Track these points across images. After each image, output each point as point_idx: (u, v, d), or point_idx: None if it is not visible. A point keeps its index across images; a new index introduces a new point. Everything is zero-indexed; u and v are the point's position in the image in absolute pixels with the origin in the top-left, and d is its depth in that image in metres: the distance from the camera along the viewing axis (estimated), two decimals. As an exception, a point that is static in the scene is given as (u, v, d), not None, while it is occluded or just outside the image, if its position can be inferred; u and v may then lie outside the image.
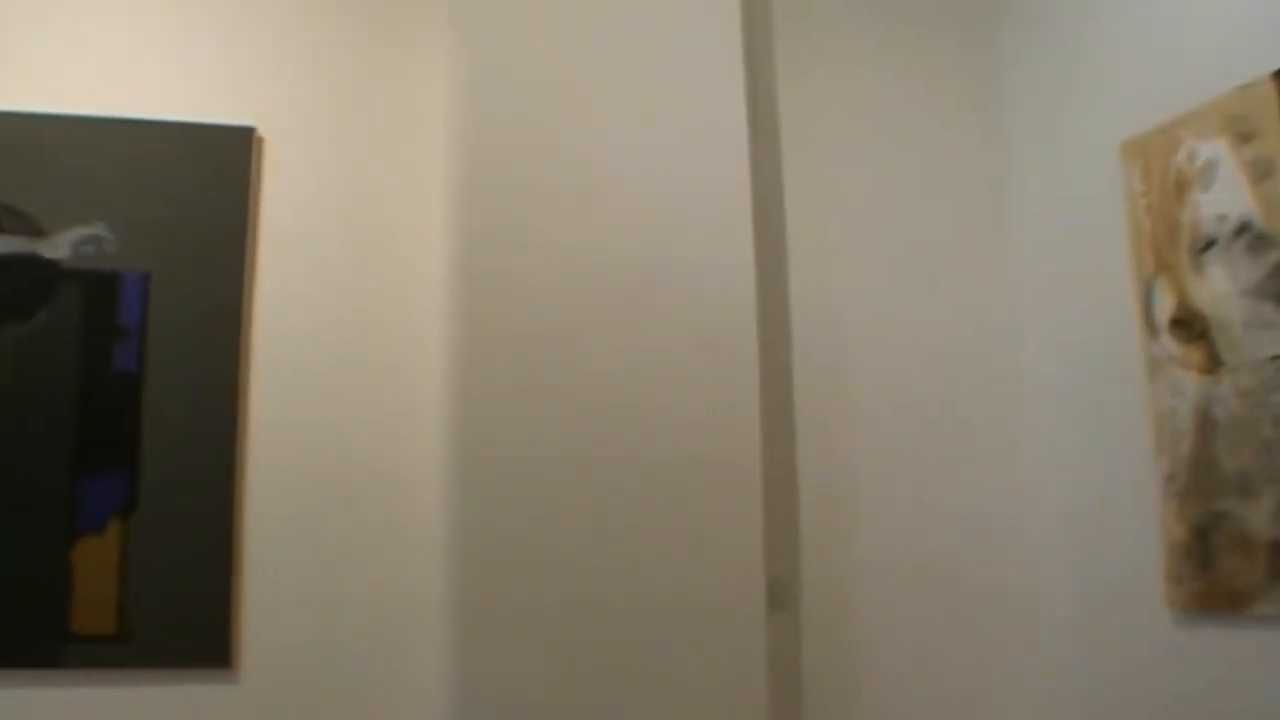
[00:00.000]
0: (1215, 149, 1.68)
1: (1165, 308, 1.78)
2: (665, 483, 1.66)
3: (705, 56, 1.79)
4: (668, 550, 1.65)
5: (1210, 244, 1.70)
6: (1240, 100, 1.64)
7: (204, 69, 1.95)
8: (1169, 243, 1.78)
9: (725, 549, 1.69)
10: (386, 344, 1.93)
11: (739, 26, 1.79)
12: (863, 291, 2.13)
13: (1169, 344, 1.77)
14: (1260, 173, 1.60)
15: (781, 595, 1.84)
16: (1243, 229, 1.63)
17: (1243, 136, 1.63)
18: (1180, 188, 1.75)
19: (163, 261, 1.85)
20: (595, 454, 1.65)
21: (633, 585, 1.64)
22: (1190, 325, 1.73)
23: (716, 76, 1.78)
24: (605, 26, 1.76)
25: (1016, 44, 2.24)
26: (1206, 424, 1.69)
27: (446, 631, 1.73)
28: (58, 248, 1.83)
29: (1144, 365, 1.83)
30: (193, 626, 1.78)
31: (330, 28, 2.00)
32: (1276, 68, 1.58)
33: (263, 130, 1.93)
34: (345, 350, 1.91)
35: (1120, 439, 1.89)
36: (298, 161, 1.94)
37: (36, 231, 1.83)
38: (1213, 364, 1.68)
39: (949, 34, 2.27)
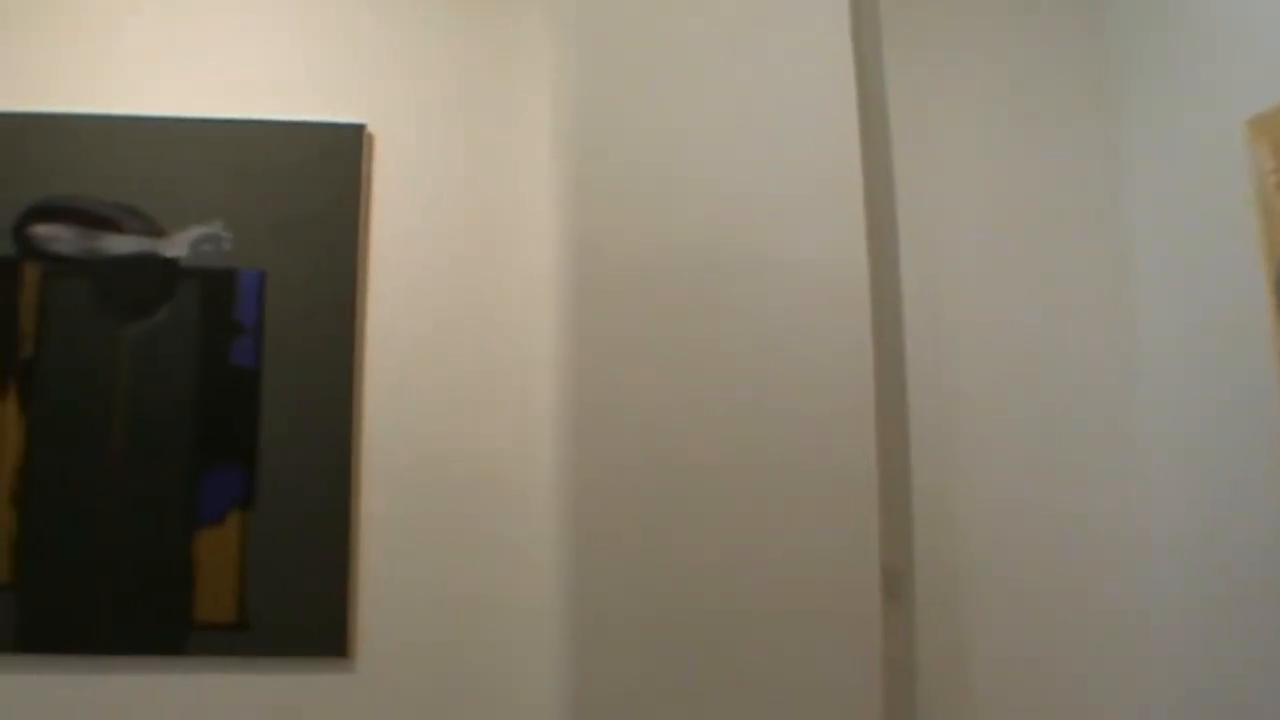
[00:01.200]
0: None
1: (1300, 292, 1.71)
2: (780, 474, 1.64)
3: (813, 41, 1.76)
4: (782, 543, 1.63)
5: (1351, 224, 1.62)
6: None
7: (315, 68, 1.98)
8: (1304, 223, 1.70)
9: (841, 539, 1.66)
10: (498, 338, 1.94)
11: (847, 10, 1.76)
12: (975, 280, 2.08)
13: (1304, 330, 1.70)
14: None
15: (896, 586, 1.81)
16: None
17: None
18: (1316, 165, 1.68)
19: (278, 259, 1.89)
20: (709, 447, 1.63)
21: (747, 579, 1.62)
22: (1328, 310, 1.66)
23: (825, 61, 1.75)
24: (711, 13, 1.74)
25: (1130, 20, 2.17)
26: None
27: (559, 628, 1.74)
28: (177, 247, 1.88)
29: (1276, 355, 1.76)
30: (310, 616, 1.81)
31: (436, 23, 2.02)
32: None
33: (373, 127, 1.95)
34: (457, 344, 1.92)
35: (1250, 433, 1.81)
36: (407, 157, 1.96)
37: (157, 232, 1.88)
38: (1354, 350, 1.61)
39: (1060, 11, 2.20)
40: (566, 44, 1.80)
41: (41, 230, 1.88)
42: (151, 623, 1.81)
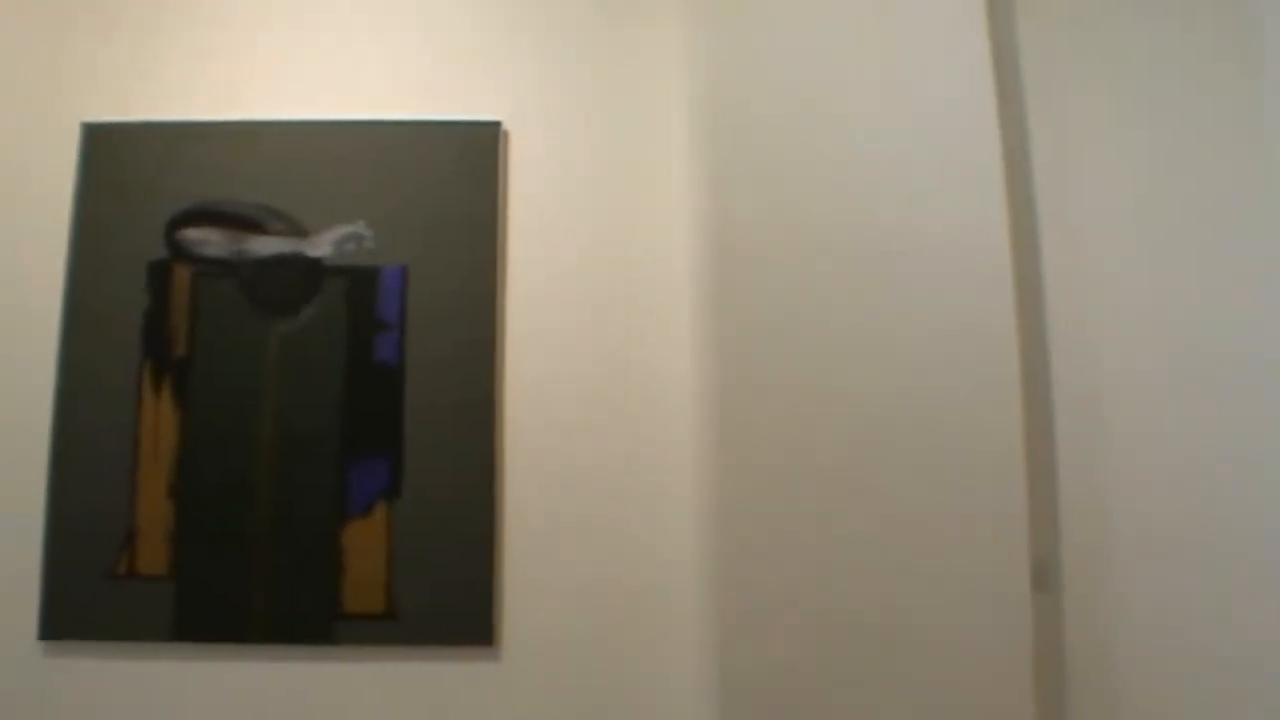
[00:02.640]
0: None
1: None
2: (926, 462, 1.63)
3: (948, 16, 1.74)
4: (929, 532, 1.62)
5: None
6: None
7: (449, 67, 2.02)
8: None
9: (988, 528, 1.64)
10: (636, 331, 1.95)
11: (983, -13, 1.74)
12: (1119, 256, 2.03)
13: None
14: None
15: (1044, 576, 1.78)
16: None
17: None
18: None
19: (419, 256, 1.93)
20: (853, 436, 1.63)
21: (894, 568, 1.61)
22: None
23: (959, 35, 1.73)
24: (845, -3, 1.74)
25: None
26: None
27: (705, 618, 1.74)
28: (321, 246, 1.93)
29: None
30: (457, 605, 1.84)
31: (568, 18, 2.04)
32: None
33: (508, 124, 1.98)
34: (596, 334, 1.94)
35: None
36: (542, 153, 1.99)
37: (301, 232, 1.93)
38: None
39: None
40: (700, 33, 1.81)
41: (191, 234, 1.94)
42: (302, 613, 1.85)
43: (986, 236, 1.69)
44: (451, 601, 1.84)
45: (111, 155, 1.99)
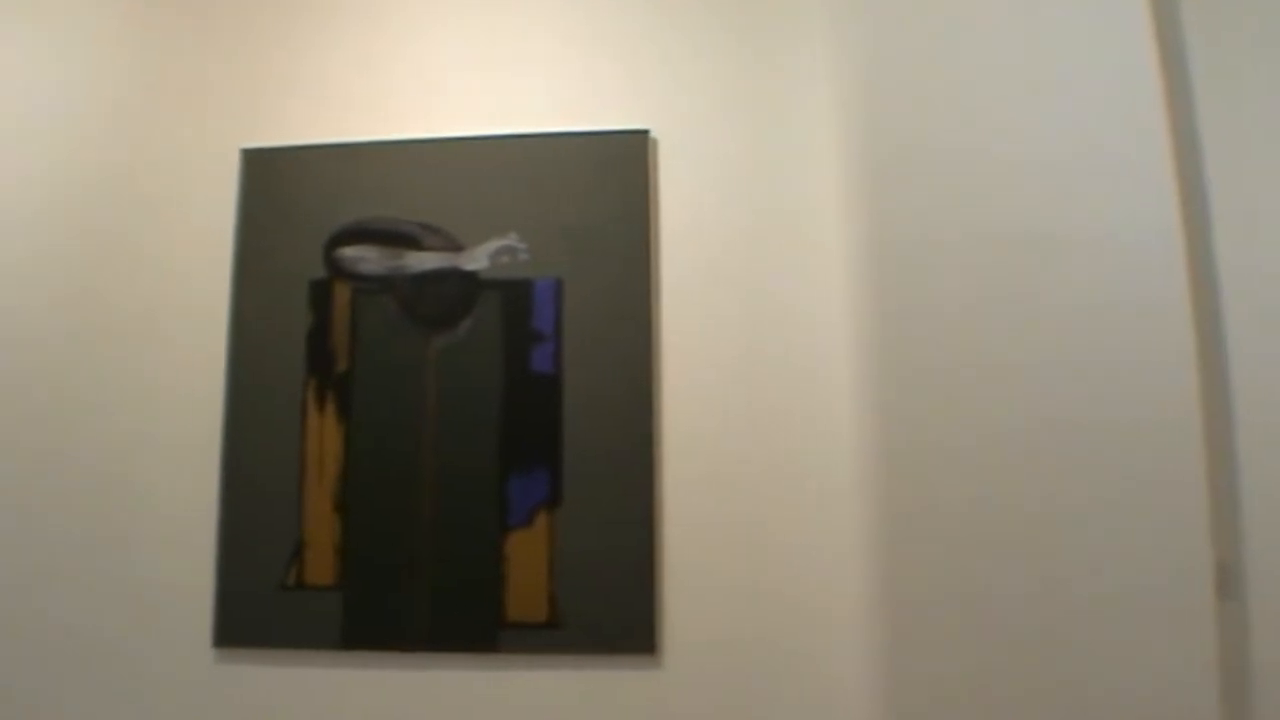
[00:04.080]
0: None
1: None
2: (1100, 463, 1.58)
3: (1108, 6, 1.69)
4: (1105, 535, 1.57)
5: None
6: None
7: (596, 78, 2.03)
8: None
9: (1168, 530, 1.59)
10: (790, 334, 1.94)
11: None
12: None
13: None
14: None
15: (1227, 583, 1.71)
16: None
17: None
18: None
19: (572, 266, 1.94)
20: (1023, 435, 1.59)
21: (1069, 574, 1.57)
22: None
23: (1121, 25, 1.68)
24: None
25: None
26: None
27: (873, 624, 1.72)
28: (476, 260, 1.96)
29: None
30: (619, 613, 1.85)
31: (712, 24, 2.04)
32: None
33: (656, 132, 1.98)
34: (750, 339, 1.93)
35: None
36: (691, 160, 1.99)
37: (456, 247, 1.96)
38: None
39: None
40: (848, 33, 1.79)
41: (349, 252, 1.99)
42: (466, 621, 1.88)
43: (1155, 230, 1.63)
44: (613, 610, 1.85)
45: (269, 179, 2.05)
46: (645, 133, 1.98)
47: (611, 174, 1.96)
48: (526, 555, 1.89)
